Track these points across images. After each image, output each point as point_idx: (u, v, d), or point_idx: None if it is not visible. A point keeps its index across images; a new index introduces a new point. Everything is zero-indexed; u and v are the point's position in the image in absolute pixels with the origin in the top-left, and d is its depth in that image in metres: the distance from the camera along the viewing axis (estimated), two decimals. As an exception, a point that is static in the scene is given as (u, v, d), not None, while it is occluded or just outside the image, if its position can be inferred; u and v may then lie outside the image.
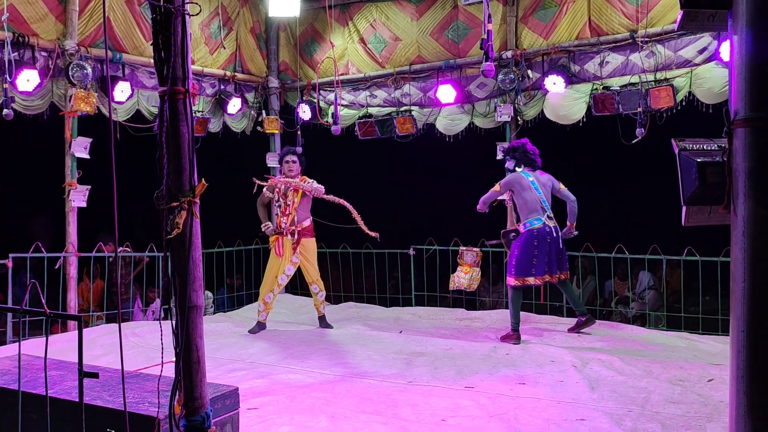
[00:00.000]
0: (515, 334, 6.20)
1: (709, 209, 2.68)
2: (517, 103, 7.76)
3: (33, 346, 4.70)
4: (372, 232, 6.82)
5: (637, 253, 7.32)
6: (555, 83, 7.32)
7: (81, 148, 6.90)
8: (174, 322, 2.54)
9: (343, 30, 8.72)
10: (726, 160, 2.37)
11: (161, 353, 2.51)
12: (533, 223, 6.29)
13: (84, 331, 2.58)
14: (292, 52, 9.17)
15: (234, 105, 8.40)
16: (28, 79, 6.33)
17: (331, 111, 8.40)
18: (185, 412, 2.56)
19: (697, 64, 6.75)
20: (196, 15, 2.66)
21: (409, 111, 8.36)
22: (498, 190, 6.51)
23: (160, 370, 2.60)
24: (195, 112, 7.57)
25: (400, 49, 8.39)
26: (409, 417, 4.15)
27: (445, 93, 7.94)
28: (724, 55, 6.31)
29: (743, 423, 2.26)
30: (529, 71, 7.67)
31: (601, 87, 7.25)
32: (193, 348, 2.56)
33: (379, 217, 7.98)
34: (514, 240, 6.52)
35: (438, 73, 8.17)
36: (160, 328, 2.53)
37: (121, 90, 7.09)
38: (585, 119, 7.42)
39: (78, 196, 6.87)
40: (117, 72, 7.23)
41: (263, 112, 9.07)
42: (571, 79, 7.37)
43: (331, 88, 8.69)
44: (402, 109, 8.43)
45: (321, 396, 4.56)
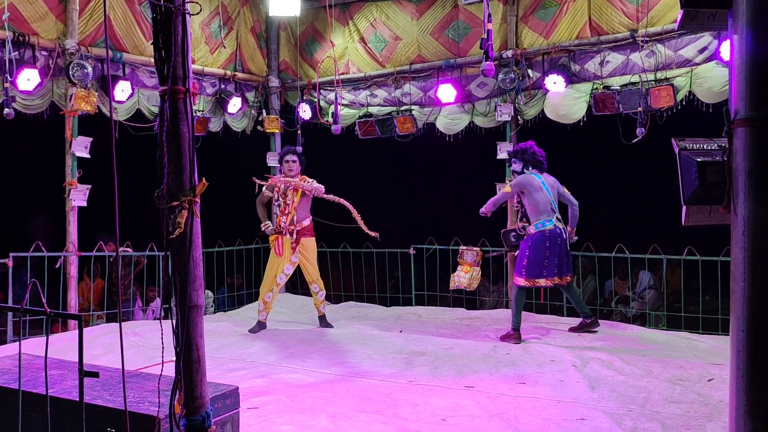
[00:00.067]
0: (516, 333, 6.20)
1: (710, 209, 2.68)
2: (518, 102, 7.76)
3: (33, 346, 4.70)
4: (372, 232, 6.82)
5: (637, 252, 7.32)
6: (555, 83, 7.32)
7: (81, 147, 6.90)
8: (174, 322, 2.54)
9: (344, 29, 8.72)
10: (726, 159, 2.37)
11: (161, 352, 2.51)
12: (545, 224, 6.26)
13: (84, 330, 2.58)
14: (293, 51, 9.17)
15: (234, 104, 8.40)
16: (28, 79, 6.33)
17: (332, 110, 8.40)
18: (185, 411, 2.56)
19: (697, 64, 6.74)
20: (197, 14, 2.66)
21: (410, 110, 8.36)
22: (509, 192, 6.45)
23: (161, 370, 2.60)
24: (195, 112, 7.54)
25: (401, 49, 8.39)
26: (409, 416, 4.15)
27: (446, 92, 7.94)
28: (724, 55, 6.31)
29: (743, 422, 2.27)
30: (529, 71, 7.67)
31: (602, 86, 7.25)
32: (194, 347, 2.56)
33: (380, 217, 7.98)
34: (515, 240, 6.51)
35: (438, 72, 8.17)
36: (161, 327, 2.53)
37: (121, 89, 7.10)
38: (585, 119, 7.42)
39: (78, 196, 6.88)
40: (117, 71, 7.23)
41: (263, 111, 9.07)
42: (572, 78, 7.37)
43: (331, 88, 8.69)
44: (402, 108, 8.43)
45: (321, 395, 4.56)
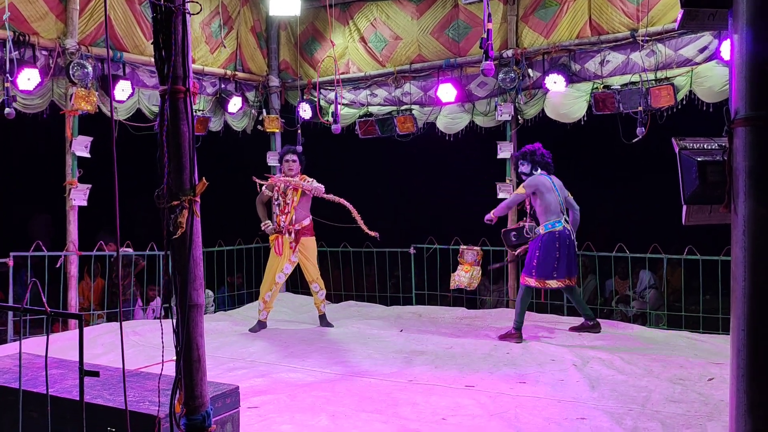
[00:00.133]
0: (517, 333, 6.19)
1: (710, 208, 2.68)
2: (518, 102, 7.76)
3: (34, 345, 4.70)
4: (372, 232, 6.81)
5: (637, 252, 7.32)
6: (555, 82, 7.32)
7: (82, 146, 6.90)
8: (175, 321, 2.54)
9: (344, 29, 8.72)
10: (726, 159, 2.37)
11: (162, 352, 2.51)
12: (555, 225, 6.25)
13: (85, 329, 2.58)
14: (293, 51, 9.17)
15: (234, 104, 8.40)
16: (28, 78, 6.33)
17: (332, 110, 8.40)
18: (186, 410, 2.56)
19: (697, 63, 6.74)
20: (197, 14, 2.66)
21: (410, 110, 8.36)
22: (523, 193, 6.37)
23: (161, 369, 2.60)
24: (195, 111, 7.55)
25: (401, 48, 8.39)
26: (409, 416, 4.15)
27: (446, 92, 7.94)
28: (724, 54, 6.31)
29: (743, 422, 2.27)
30: (529, 70, 7.67)
31: (602, 86, 7.25)
32: (194, 347, 2.56)
33: (380, 216, 7.98)
34: (515, 240, 6.50)
35: (438, 72, 8.17)
36: (161, 326, 2.53)
37: (121, 89, 7.10)
38: (585, 118, 7.42)
39: (79, 195, 6.88)
40: (118, 71, 7.23)
41: (264, 111, 9.07)
42: (572, 78, 7.37)
43: (331, 87, 8.69)
44: (402, 108, 8.43)
45: (321, 395, 4.56)
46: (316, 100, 8.78)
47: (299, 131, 8.88)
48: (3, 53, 6.29)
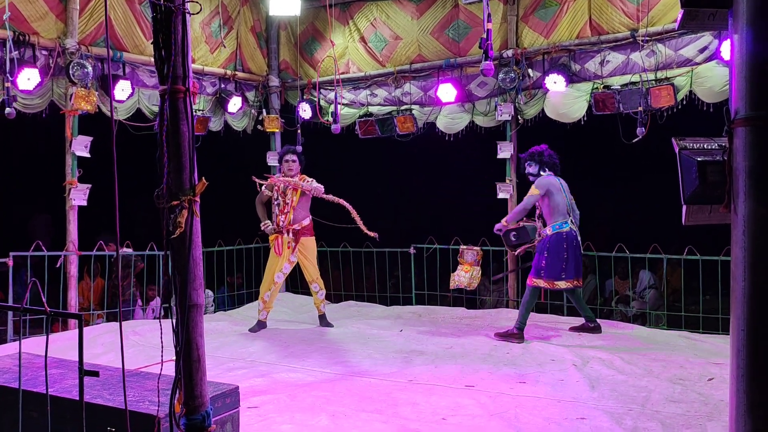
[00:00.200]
0: (519, 333, 6.18)
1: (710, 208, 2.68)
2: (518, 102, 7.76)
3: (33, 345, 4.70)
4: (371, 232, 6.81)
5: (637, 252, 7.32)
6: (555, 82, 7.32)
7: (82, 146, 6.90)
8: (174, 321, 2.54)
9: (344, 29, 8.72)
10: (726, 159, 2.37)
11: (161, 352, 2.51)
12: (562, 226, 6.24)
13: (84, 329, 2.58)
14: (293, 50, 9.17)
15: (234, 104, 8.40)
16: (28, 78, 6.33)
17: (332, 110, 8.40)
18: (185, 410, 2.56)
19: (697, 63, 6.74)
20: (197, 14, 2.66)
21: (410, 110, 8.36)
22: (537, 194, 6.27)
23: (161, 369, 2.60)
24: (195, 111, 7.54)
25: (401, 48, 8.39)
26: (409, 415, 4.15)
27: (446, 92, 7.94)
28: (724, 54, 6.31)
29: (743, 422, 2.27)
30: (529, 70, 7.67)
31: (602, 86, 7.25)
32: (194, 347, 2.56)
33: (380, 216, 7.98)
34: (515, 240, 6.49)
35: (438, 72, 8.17)
36: (160, 326, 2.53)
37: (121, 89, 7.10)
38: (585, 118, 7.42)
39: (78, 195, 6.88)
40: (117, 71, 7.23)
41: (264, 110, 9.07)
42: (572, 78, 7.37)
43: (331, 87, 8.69)
44: (402, 108, 8.43)
45: (321, 395, 4.56)
46: (316, 100, 8.78)
47: (299, 131, 8.88)
48: (3, 53, 6.29)
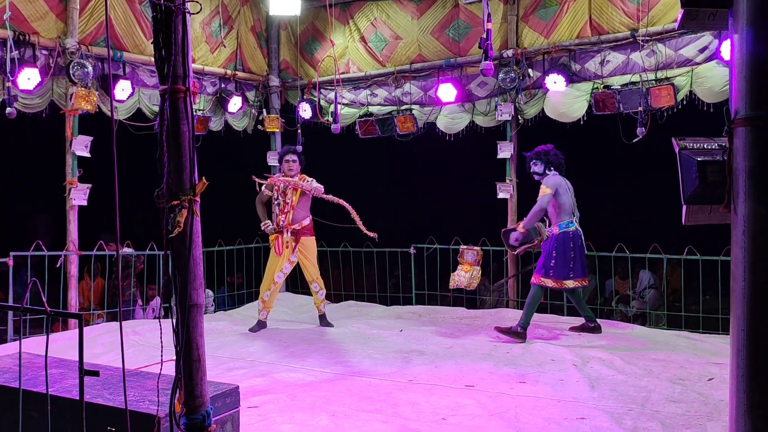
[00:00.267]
0: (523, 332, 6.18)
1: (710, 208, 2.68)
2: (518, 101, 7.76)
3: (34, 345, 4.70)
4: (370, 233, 6.80)
5: (637, 252, 7.32)
6: (556, 82, 7.32)
7: (82, 146, 6.91)
8: (174, 321, 2.54)
9: (344, 29, 8.72)
10: (726, 159, 2.37)
11: (161, 351, 2.51)
12: (569, 225, 6.25)
13: (84, 329, 2.58)
14: (293, 50, 9.17)
15: (235, 103, 8.40)
16: (29, 78, 6.33)
17: (332, 110, 8.40)
18: (186, 410, 2.56)
19: (697, 63, 6.74)
20: (197, 13, 2.66)
21: (410, 110, 8.36)
22: (550, 193, 6.19)
23: (160, 369, 2.60)
24: (196, 111, 7.56)
25: (401, 48, 8.40)
26: (409, 415, 4.15)
27: (446, 92, 7.94)
28: (724, 54, 6.31)
29: (743, 422, 2.27)
30: (529, 70, 7.67)
31: (602, 86, 7.25)
32: (194, 346, 2.56)
33: (380, 216, 7.98)
34: (516, 240, 6.49)
35: (439, 71, 8.17)
36: (160, 326, 2.53)
37: (121, 88, 7.10)
38: (585, 118, 7.42)
39: (79, 195, 6.88)
40: (118, 70, 7.23)
41: (264, 110, 9.08)
42: (572, 77, 7.37)
43: (331, 87, 8.69)
44: (403, 107, 8.43)
45: (321, 394, 4.56)
46: (316, 99, 8.78)
47: (299, 131, 8.88)
48: (3, 53, 6.29)
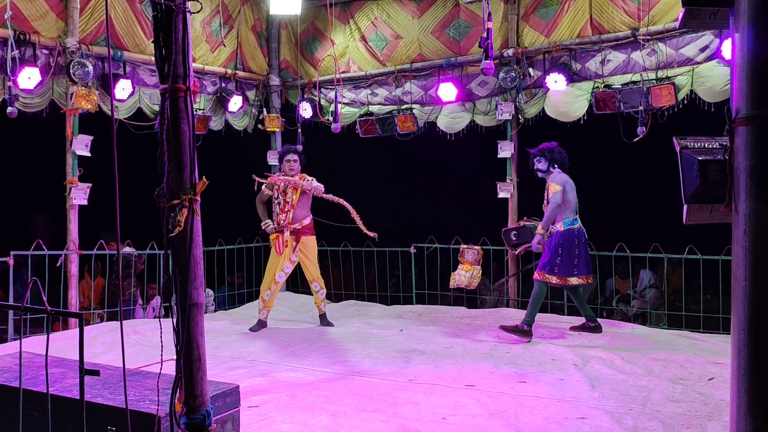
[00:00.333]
0: (529, 330, 6.18)
1: (711, 207, 2.68)
2: (518, 101, 7.76)
3: (34, 344, 4.70)
4: (370, 232, 6.80)
5: (638, 251, 7.32)
6: (556, 81, 7.31)
7: (82, 145, 6.90)
8: (175, 320, 2.54)
9: (344, 28, 8.72)
10: (727, 158, 2.36)
11: (161, 351, 2.51)
12: (573, 223, 6.26)
13: (85, 328, 2.58)
14: (293, 50, 9.17)
15: (235, 103, 8.40)
16: (29, 77, 6.34)
17: (332, 109, 8.40)
18: (186, 409, 2.56)
19: (698, 63, 6.74)
20: (197, 13, 2.66)
21: (410, 109, 8.36)
22: (560, 190, 6.20)
23: (161, 368, 2.60)
24: (196, 110, 7.59)
25: (401, 47, 8.39)
26: (409, 415, 4.15)
27: (446, 91, 7.93)
28: (725, 54, 6.31)
29: (744, 422, 2.26)
30: (530, 69, 7.67)
31: (603, 85, 7.25)
32: (194, 346, 2.56)
33: (380, 216, 7.98)
34: (515, 239, 6.49)
35: (439, 71, 8.17)
36: (161, 325, 2.52)
37: (122, 88, 7.10)
38: (586, 117, 7.42)
39: (79, 194, 6.88)
40: (118, 70, 7.23)
41: (264, 110, 9.08)
42: (573, 77, 7.37)
43: (332, 86, 8.69)
44: (403, 107, 8.43)
45: (322, 394, 4.56)
46: (316, 99, 8.78)
47: (299, 130, 8.88)
48: (4, 52, 6.29)
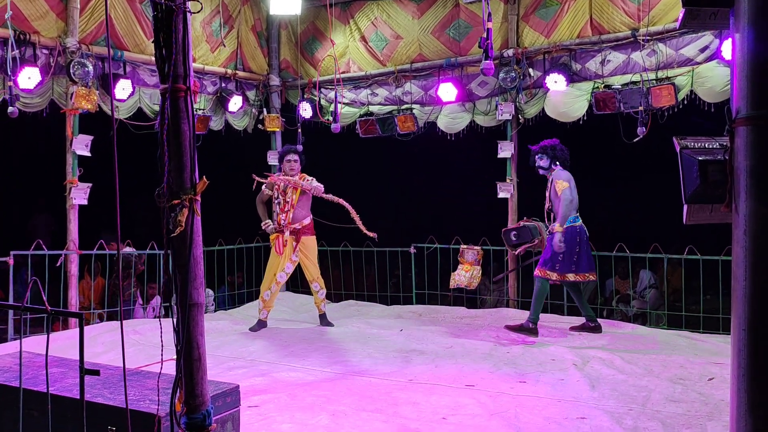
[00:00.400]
0: (534, 327, 6.17)
1: (711, 207, 2.68)
2: (518, 101, 7.76)
3: (34, 344, 4.71)
4: (370, 232, 6.80)
5: (638, 251, 7.32)
6: (556, 81, 7.31)
7: (82, 145, 6.90)
8: (175, 320, 2.54)
9: (345, 28, 8.72)
10: (728, 158, 2.36)
11: (161, 351, 2.51)
12: (575, 221, 6.28)
13: (85, 328, 2.58)
14: (293, 50, 9.17)
15: (235, 103, 8.40)
16: (29, 77, 6.34)
17: (332, 109, 8.40)
18: (186, 409, 2.56)
19: (698, 63, 6.74)
20: (198, 13, 2.66)
21: (410, 109, 8.36)
22: (569, 186, 6.20)
23: (161, 368, 2.60)
24: (196, 110, 7.58)
25: (402, 48, 8.39)
26: (409, 415, 4.15)
27: (446, 91, 7.94)
28: (725, 54, 6.31)
29: (744, 422, 2.26)
30: (530, 69, 7.67)
31: (603, 85, 7.25)
32: (194, 345, 2.56)
33: (380, 216, 7.98)
34: (515, 239, 6.49)
35: (439, 71, 8.17)
36: (161, 325, 2.52)
37: (122, 88, 7.10)
38: (586, 117, 7.42)
39: (79, 194, 6.88)
40: (118, 70, 7.23)
41: (264, 110, 9.08)
42: (573, 77, 7.37)
43: (332, 86, 8.69)
44: (403, 107, 8.43)
45: (322, 394, 4.56)
46: (316, 99, 8.78)
47: (299, 130, 8.89)
48: (4, 52, 6.29)
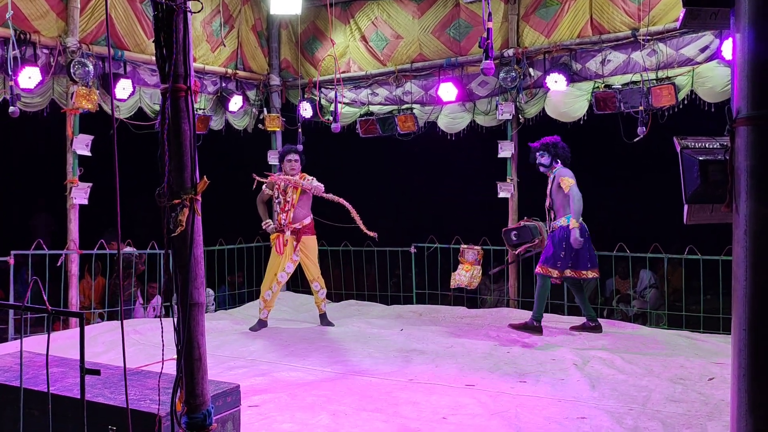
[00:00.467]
0: (538, 325, 6.16)
1: (711, 207, 2.68)
2: (519, 101, 7.76)
3: (34, 343, 4.70)
4: (370, 232, 6.80)
5: (638, 251, 7.32)
6: (556, 81, 7.31)
7: (83, 145, 6.90)
8: (175, 320, 2.54)
9: (345, 28, 8.72)
10: (728, 158, 2.36)
11: (162, 350, 2.51)
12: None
13: (85, 328, 2.58)
14: (294, 49, 9.17)
15: (235, 103, 8.40)
16: (29, 77, 6.34)
17: (332, 109, 8.40)
18: (186, 409, 2.56)
19: (698, 63, 6.74)
20: (198, 12, 2.66)
21: (411, 109, 8.36)
22: (574, 183, 6.20)
23: (161, 368, 2.60)
24: (197, 110, 7.56)
25: (402, 47, 8.39)
26: (410, 415, 4.15)
27: (447, 91, 7.93)
28: (726, 54, 6.31)
29: (744, 422, 2.26)
30: (530, 69, 7.67)
31: (603, 85, 7.24)
32: (195, 345, 2.56)
33: (381, 215, 7.98)
34: (516, 239, 6.48)
35: (439, 71, 8.17)
36: (161, 325, 2.53)
37: (122, 87, 7.10)
38: (586, 117, 7.42)
39: (79, 194, 6.88)
40: (119, 69, 7.23)
41: (264, 109, 9.08)
42: (573, 77, 7.36)
43: (332, 86, 8.69)
44: (403, 107, 8.43)
45: (322, 394, 4.56)
46: (316, 98, 8.78)
47: (300, 130, 8.89)
48: (5, 51, 6.29)
